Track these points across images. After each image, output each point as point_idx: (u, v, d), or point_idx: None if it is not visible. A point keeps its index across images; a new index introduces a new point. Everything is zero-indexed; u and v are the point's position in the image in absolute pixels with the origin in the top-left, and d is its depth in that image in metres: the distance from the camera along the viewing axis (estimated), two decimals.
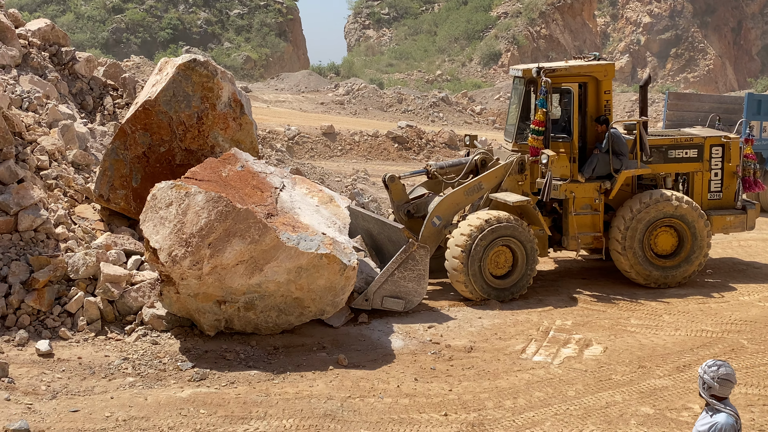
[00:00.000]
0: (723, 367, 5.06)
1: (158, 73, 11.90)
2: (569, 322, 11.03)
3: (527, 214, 12.12)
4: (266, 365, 9.29)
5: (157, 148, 11.39)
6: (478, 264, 11.54)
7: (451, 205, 12.15)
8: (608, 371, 9.37)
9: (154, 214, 9.39)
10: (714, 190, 13.02)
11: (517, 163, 12.23)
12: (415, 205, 12.74)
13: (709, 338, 10.48)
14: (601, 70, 12.32)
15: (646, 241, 12.28)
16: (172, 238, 9.22)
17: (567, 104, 12.44)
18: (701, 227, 12.33)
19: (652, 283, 12.38)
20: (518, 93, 12.76)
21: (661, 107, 32.84)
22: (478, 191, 12.30)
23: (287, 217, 9.66)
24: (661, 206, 12.20)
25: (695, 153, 12.91)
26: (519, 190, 12.24)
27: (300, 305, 9.86)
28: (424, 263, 11.09)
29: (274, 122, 26.21)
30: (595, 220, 12.40)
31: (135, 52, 45.35)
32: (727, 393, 5.07)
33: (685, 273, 12.45)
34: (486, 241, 11.56)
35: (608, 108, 12.34)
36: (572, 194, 12.21)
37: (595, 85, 12.34)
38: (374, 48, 57.91)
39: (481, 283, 11.60)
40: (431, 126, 30.50)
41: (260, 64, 52.83)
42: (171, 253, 9.19)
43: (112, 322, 9.87)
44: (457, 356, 9.79)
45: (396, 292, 11.02)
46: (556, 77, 12.11)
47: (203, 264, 9.21)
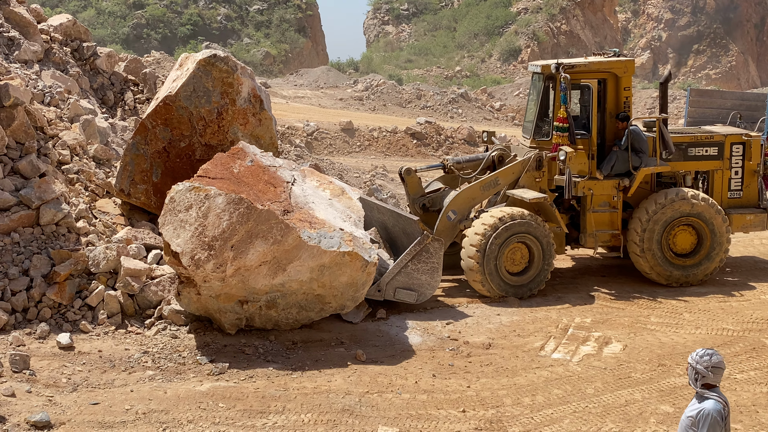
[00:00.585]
0: (715, 356, 5.12)
1: (179, 68, 11.94)
2: (588, 319, 10.98)
3: (544, 211, 12.06)
4: (285, 360, 9.32)
5: (177, 143, 11.44)
6: (494, 261, 11.50)
7: (466, 199, 12.11)
8: (628, 369, 9.32)
9: (173, 217, 9.34)
10: (734, 188, 12.88)
11: (534, 159, 12.17)
12: (431, 198, 12.72)
13: (730, 337, 10.40)
14: (620, 66, 12.23)
15: (665, 240, 12.18)
16: (194, 241, 9.20)
17: (586, 101, 12.36)
18: (720, 226, 12.22)
19: (672, 282, 12.29)
20: (537, 89, 12.70)
21: (682, 104, 32.58)
22: (494, 187, 12.26)
23: (303, 213, 9.65)
24: (680, 205, 12.10)
25: (715, 151, 12.78)
26: (536, 186, 12.18)
27: (321, 301, 9.88)
28: (438, 256, 11.05)
29: (293, 118, 26.26)
30: (613, 218, 12.32)
31: (155, 47, 45.63)
32: (719, 381, 5.14)
33: (704, 272, 12.34)
34: (502, 238, 11.52)
35: (628, 105, 12.25)
36: (590, 191, 12.13)
37: (615, 81, 12.26)
38: (393, 44, 57.85)
39: (497, 280, 11.57)
40: (450, 122, 30.43)
41: (279, 60, 52.95)
42: (194, 256, 9.18)
43: (132, 315, 9.94)
44: (475, 353, 9.78)
45: (409, 284, 10.99)
46: (576, 73, 12.04)
47: (227, 266, 9.22)
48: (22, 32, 13.60)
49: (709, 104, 19.64)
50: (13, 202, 10.21)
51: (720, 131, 13.21)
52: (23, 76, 12.42)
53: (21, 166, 10.59)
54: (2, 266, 9.75)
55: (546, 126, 12.36)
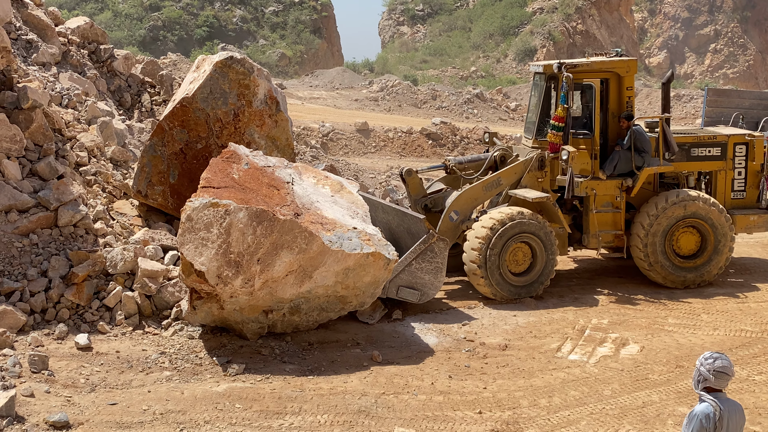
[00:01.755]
0: (720, 360, 5.02)
1: (195, 70, 12.00)
2: (605, 320, 10.93)
3: (547, 212, 11.99)
4: (301, 361, 9.34)
5: (194, 145, 11.49)
6: (496, 262, 11.44)
7: (469, 199, 12.05)
8: (645, 371, 9.27)
9: (193, 235, 9.18)
10: (737, 189, 12.79)
11: (537, 159, 12.12)
12: (433, 199, 12.68)
13: (749, 338, 10.31)
14: (623, 66, 12.17)
15: (668, 241, 12.09)
16: (219, 258, 9.10)
17: (588, 100, 12.29)
18: (724, 227, 12.10)
19: (676, 284, 12.18)
20: (539, 89, 12.64)
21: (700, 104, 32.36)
22: (496, 187, 12.20)
23: (312, 215, 9.61)
24: (684, 206, 12.00)
25: (718, 151, 12.68)
26: (539, 186, 12.13)
27: (342, 302, 9.90)
28: (442, 256, 11.01)
29: (309, 119, 26.31)
30: (616, 218, 12.24)
31: (172, 49, 45.85)
32: (723, 385, 5.04)
33: (707, 274, 12.23)
34: (504, 239, 11.45)
35: (630, 104, 12.18)
36: (593, 191, 12.06)
37: (617, 81, 12.20)
38: (408, 44, 57.83)
39: (500, 280, 11.50)
40: (465, 122, 30.38)
41: (295, 61, 53.06)
42: (220, 274, 9.12)
43: (150, 316, 9.99)
44: (491, 354, 9.76)
45: (412, 283, 10.94)
46: (578, 73, 11.97)
47: (254, 280, 9.21)
48: (39, 35, 13.72)
49: (727, 104, 19.45)
50: (31, 204, 10.29)
51: (723, 131, 13.12)
52: (41, 78, 12.52)
53: (39, 168, 10.68)
54: (21, 267, 9.83)
55: (547, 126, 12.31)
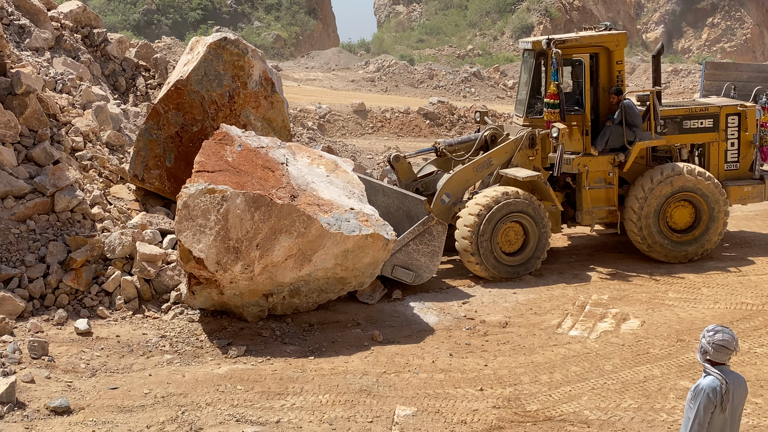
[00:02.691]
0: (721, 333, 5.00)
1: (189, 52, 11.91)
2: (605, 296, 10.93)
3: (538, 190, 11.93)
4: (302, 342, 9.34)
5: (190, 128, 11.43)
6: (488, 241, 11.38)
7: (460, 181, 11.96)
8: (646, 345, 9.28)
9: (190, 222, 9.11)
10: (731, 160, 12.73)
11: (527, 137, 12.04)
12: (424, 182, 12.59)
13: (749, 311, 10.31)
14: (612, 40, 12.07)
15: (662, 220, 12.06)
16: (217, 245, 9.06)
17: (578, 76, 12.20)
18: (718, 199, 12.07)
19: (670, 259, 12.16)
20: (528, 66, 12.54)
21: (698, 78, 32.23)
22: (488, 167, 12.12)
23: (309, 196, 9.55)
24: (677, 180, 11.95)
25: (711, 123, 12.61)
26: (530, 165, 12.06)
27: (342, 283, 9.89)
28: (439, 240, 10.97)
29: (305, 100, 26.19)
30: (609, 194, 12.19)
31: (166, 33, 45.57)
32: (724, 359, 5.01)
33: (708, 242, 12.20)
34: (496, 218, 11.39)
35: (621, 79, 12.10)
36: (585, 168, 11.99)
37: (607, 55, 12.10)
38: (404, 24, 57.50)
39: (492, 260, 11.45)
40: (463, 101, 30.25)
41: (290, 43, 52.78)
42: (219, 260, 9.08)
43: (149, 300, 9.98)
44: (492, 331, 9.76)
45: (408, 264, 10.90)
46: (567, 48, 11.87)
47: (254, 266, 9.17)
48: (32, 20, 13.60)
49: (725, 77, 19.38)
50: (27, 190, 10.24)
51: (715, 102, 13.05)
52: (35, 63, 12.43)
53: (35, 154, 10.62)
54: (19, 254, 9.80)
55: (539, 103, 12.20)
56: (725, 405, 4.94)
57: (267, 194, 9.21)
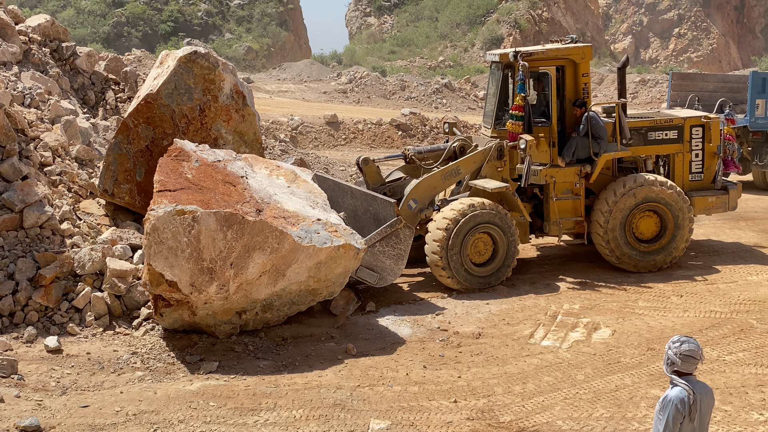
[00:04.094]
0: (687, 343, 5.04)
1: (159, 66, 11.87)
2: (577, 306, 11.01)
3: (507, 201, 12.05)
4: (275, 356, 9.29)
5: (160, 142, 11.36)
6: (458, 253, 11.43)
7: (428, 188, 12.02)
8: (617, 354, 9.35)
9: (160, 246, 8.95)
10: (695, 171, 12.91)
11: (495, 149, 12.15)
12: (391, 187, 12.64)
13: (718, 319, 10.44)
14: (578, 52, 12.23)
15: (628, 226, 12.20)
16: (191, 267, 8.97)
17: (545, 88, 12.32)
18: (683, 210, 12.23)
19: (638, 269, 12.30)
20: (496, 78, 12.67)
21: (665, 88, 32.68)
22: (455, 175, 12.21)
23: (273, 209, 9.51)
24: (642, 190, 12.10)
25: (675, 134, 12.80)
26: (498, 176, 12.17)
27: (313, 294, 9.87)
28: (406, 244, 11.00)
29: (277, 112, 26.15)
30: (576, 205, 12.32)
31: (136, 45, 45.31)
32: (691, 369, 5.06)
33: (676, 250, 12.35)
34: (461, 235, 11.45)
35: (586, 91, 12.25)
36: (553, 179, 12.09)
37: (573, 68, 12.25)
38: (376, 35, 57.68)
39: (462, 272, 11.50)
40: (435, 112, 30.39)
41: (262, 55, 52.70)
42: (193, 282, 9.00)
43: (120, 316, 9.88)
44: (465, 343, 9.78)
45: (372, 265, 10.89)
46: (534, 61, 12.01)
47: (229, 285, 9.12)
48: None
49: (691, 87, 19.66)
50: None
51: (679, 114, 13.28)
52: (2, 78, 12.29)
53: (3, 170, 10.48)
54: None
55: (506, 115, 12.30)
56: (693, 415, 5.00)
57: (238, 212, 9.16)
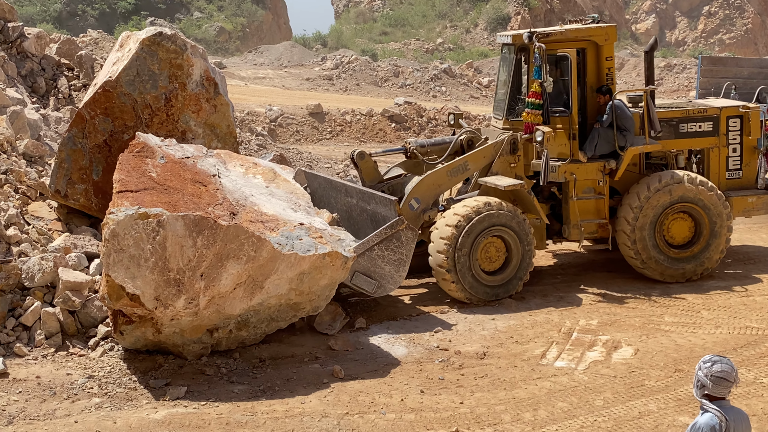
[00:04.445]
0: (719, 364, 5.03)
1: (119, 49, 11.89)
2: (594, 321, 11.04)
3: (521, 201, 12.02)
4: (251, 380, 9.29)
5: (120, 136, 11.37)
6: (466, 258, 11.42)
7: (431, 186, 11.96)
8: (640, 376, 9.39)
9: (120, 254, 8.90)
10: (732, 168, 12.93)
11: (508, 142, 12.12)
12: (391, 185, 12.62)
13: (755, 336, 10.49)
14: (601, 33, 12.25)
15: (659, 227, 12.23)
16: (155, 278, 8.94)
17: (563, 73, 12.32)
18: (722, 216, 12.24)
19: (675, 278, 12.33)
20: (508, 62, 12.69)
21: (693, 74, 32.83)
22: (463, 172, 12.18)
23: (250, 212, 9.49)
24: (676, 189, 12.13)
25: (710, 126, 12.80)
26: (511, 173, 12.14)
27: (295, 308, 9.87)
28: (408, 248, 10.98)
29: (254, 102, 26.17)
30: (599, 206, 12.33)
31: (92, 26, 45.22)
32: (724, 393, 5.05)
33: (708, 261, 12.38)
34: (472, 236, 11.43)
35: (610, 76, 12.28)
36: (573, 176, 12.11)
37: (595, 50, 12.28)
38: (366, 14, 57.75)
39: (470, 280, 11.50)
40: (433, 102, 30.47)
41: (236, 36, 52.70)
42: (159, 296, 8.97)
43: (74, 335, 9.86)
44: (468, 364, 9.80)
45: (370, 271, 10.86)
46: (551, 43, 11.99)
47: (199, 299, 9.09)
48: None
49: (723, 73, 19.72)
50: None
51: (714, 104, 13.26)
52: None
53: None
54: None
55: (520, 104, 12.34)
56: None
57: (209, 216, 9.13)
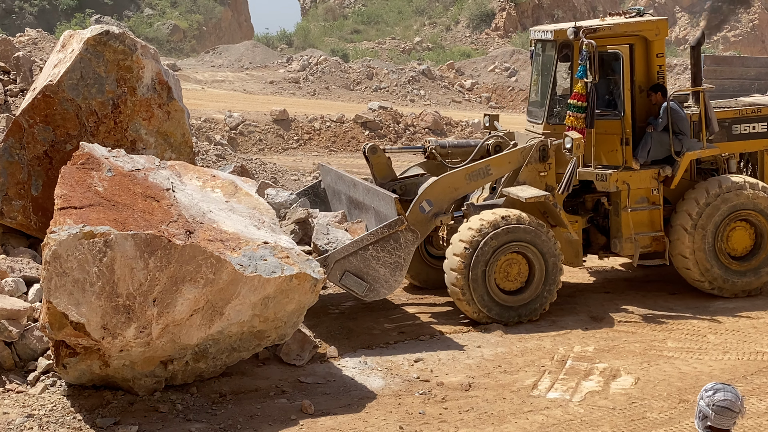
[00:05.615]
0: (722, 392, 5.02)
1: (61, 50, 11.87)
2: (591, 347, 11.08)
3: (550, 214, 12.11)
4: (210, 417, 9.25)
5: (63, 146, 11.33)
6: (482, 276, 11.52)
7: (447, 188, 11.94)
8: (641, 408, 9.42)
9: (63, 279, 8.82)
10: None
11: (537, 149, 12.09)
12: (404, 184, 12.65)
13: (766, 362, 10.57)
14: (652, 27, 12.44)
15: (719, 241, 12.40)
16: (102, 305, 8.86)
17: (612, 72, 12.47)
18: None
19: (734, 293, 12.49)
20: (547, 61, 12.85)
21: None
22: (484, 177, 12.18)
23: (208, 230, 9.45)
24: (737, 196, 12.29)
25: (764, 127, 12.97)
26: (541, 182, 12.14)
27: (259, 337, 9.83)
28: (407, 251, 11.02)
29: (212, 108, 26.15)
30: (653, 217, 12.49)
31: (31, 24, 45.01)
32: (728, 425, 5.03)
33: (758, 280, 12.57)
34: (492, 248, 11.52)
35: (662, 75, 12.45)
36: (626, 185, 12.25)
37: (644, 46, 12.43)
38: (335, 11, 57.93)
39: (485, 298, 11.58)
40: (410, 107, 30.59)
41: (191, 36, 52.66)
42: (106, 324, 8.88)
43: (11, 369, 9.78)
44: (451, 396, 9.80)
45: (362, 272, 10.91)
46: (599, 38, 12.12)
47: (152, 327, 9.02)
48: None
49: (728, 74, 20.03)
50: None
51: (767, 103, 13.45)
52: None
53: None
54: None
55: (559, 106, 12.50)
56: None
57: (162, 234, 9.09)
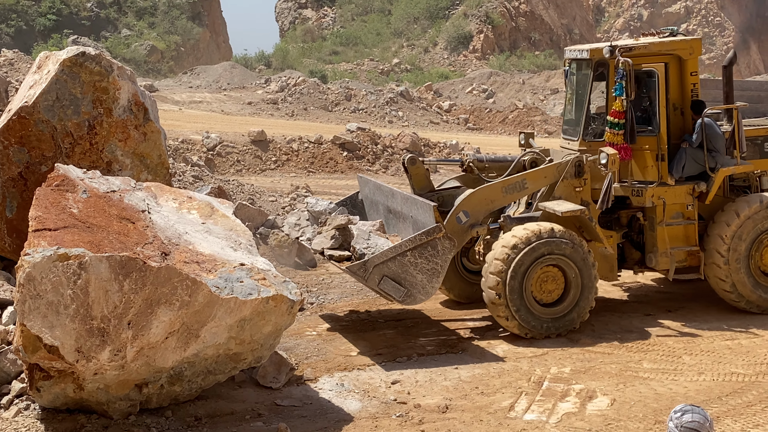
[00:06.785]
0: (690, 414, 5.00)
1: (37, 71, 11.84)
2: (567, 369, 11.11)
3: (586, 228, 12.36)
4: None
5: (38, 168, 11.29)
6: (519, 290, 11.75)
7: (483, 200, 12.25)
8: (617, 429, 9.45)
9: (37, 301, 8.77)
10: None
11: (573, 164, 12.40)
12: (441, 196, 13.03)
13: (741, 383, 10.63)
14: (686, 47, 12.72)
15: (753, 258, 12.62)
16: (77, 327, 8.81)
17: (647, 90, 12.76)
18: None
19: (753, 308, 12.71)
20: (582, 79, 13.11)
21: None
22: (519, 190, 12.48)
23: (184, 252, 9.43)
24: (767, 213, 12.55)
25: None
26: (576, 197, 12.39)
27: (235, 360, 9.79)
28: (444, 258, 11.28)
29: (189, 129, 26.13)
30: (688, 232, 12.74)
31: (7, 45, 44.91)
32: None
33: None
34: (529, 261, 11.77)
35: (695, 93, 12.75)
36: (661, 200, 12.51)
37: (678, 65, 12.72)
38: (314, 32, 58.11)
39: (523, 311, 11.81)
40: (389, 128, 30.67)
41: (169, 56, 52.66)
42: (80, 347, 8.83)
43: None
44: (428, 418, 9.79)
45: (400, 278, 11.17)
46: (635, 57, 12.38)
47: (126, 350, 8.97)
48: None
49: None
50: None
51: None
52: None
53: None
54: None
55: (595, 123, 12.76)
56: None
57: (137, 256, 9.06)
